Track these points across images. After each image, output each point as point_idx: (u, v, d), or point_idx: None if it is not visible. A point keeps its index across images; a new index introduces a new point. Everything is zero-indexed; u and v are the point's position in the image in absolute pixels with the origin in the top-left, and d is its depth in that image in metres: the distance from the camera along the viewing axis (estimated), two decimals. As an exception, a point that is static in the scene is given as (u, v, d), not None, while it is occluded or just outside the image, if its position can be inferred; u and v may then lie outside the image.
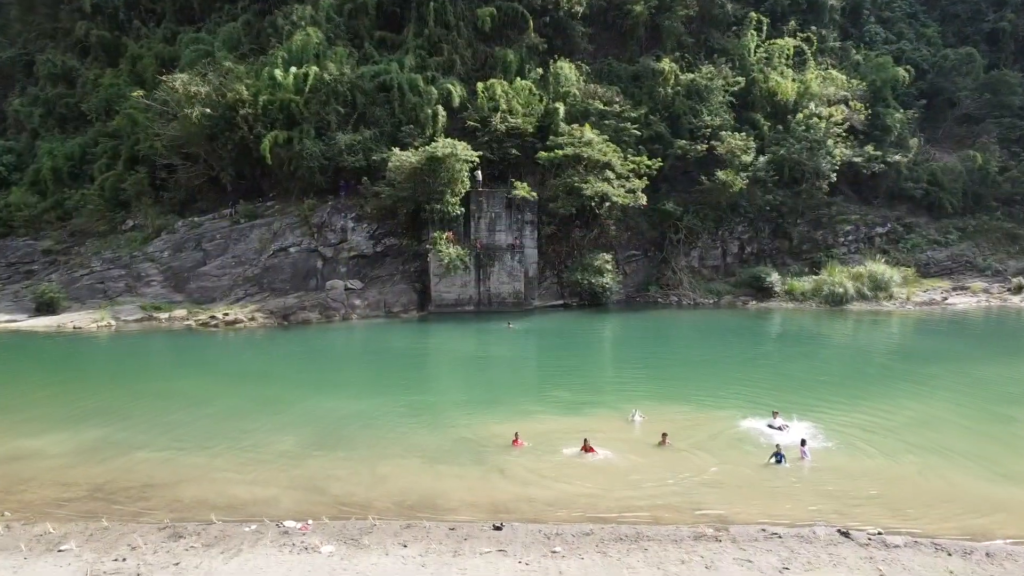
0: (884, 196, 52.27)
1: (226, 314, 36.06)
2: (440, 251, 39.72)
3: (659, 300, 45.04)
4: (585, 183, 41.73)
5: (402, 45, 48.44)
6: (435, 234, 40.38)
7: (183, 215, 45.84)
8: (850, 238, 49.45)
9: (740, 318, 40.28)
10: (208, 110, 42.74)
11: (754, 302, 44.25)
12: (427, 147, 40.30)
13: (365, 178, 42.30)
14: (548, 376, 26.16)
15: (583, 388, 24.04)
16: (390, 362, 28.48)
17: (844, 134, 49.21)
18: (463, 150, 40.46)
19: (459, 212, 41.05)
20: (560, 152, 42.89)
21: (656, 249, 47.49)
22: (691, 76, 49.35)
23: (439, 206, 40.43)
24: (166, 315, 37.26)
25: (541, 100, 46.87)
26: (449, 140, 40.90)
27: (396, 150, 41.06)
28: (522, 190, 41.71)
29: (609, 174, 43.26)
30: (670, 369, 27.39)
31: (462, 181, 41.14)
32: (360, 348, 31.57)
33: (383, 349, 31.14)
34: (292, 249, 41.52)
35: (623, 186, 43.56)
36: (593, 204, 42.79)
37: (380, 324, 37.46)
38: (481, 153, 42.05)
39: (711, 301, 44.85)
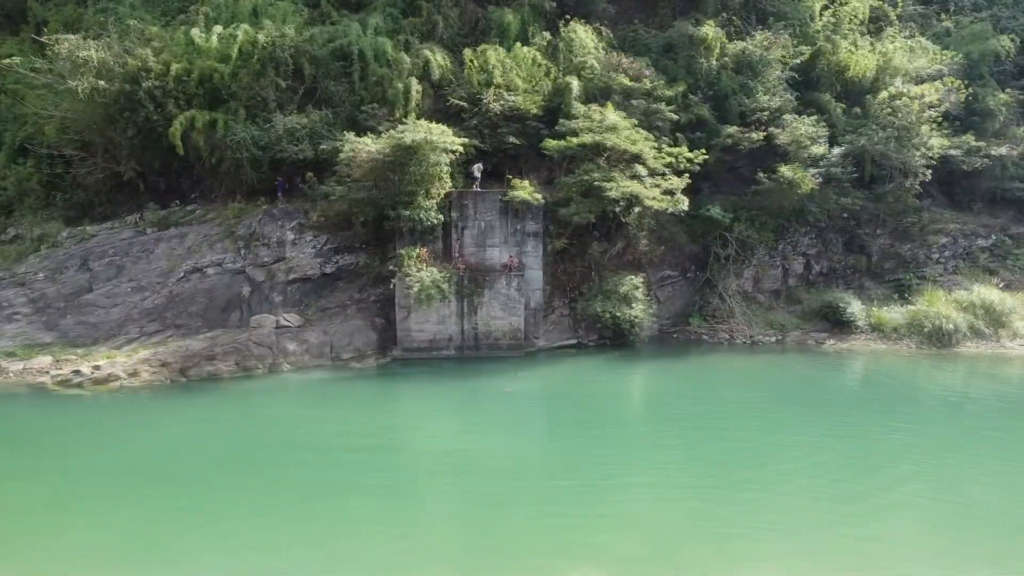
0: (983, 200, 41.20)
1: (96, 367, 25.14)
2: (409, 274, 28.77)
3: (704, 337, 33.96)
4: (609, 181, 30.70)
5: (370, 3, 37.56)
6: (403, 251, 29.45)
7: (81, 223, 34.94)
8: (946, 254, 38.36)
9: (824, 367, 29.22)
10: (103, 83, 31.87)
11: (831, 340, 33.18)
12: (393, 132, 29.36)
13: (311, 174, 31.39)
14: (573, 519, 15.04)
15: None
16: (300, 483, 17.23)
17: (940, 119, 38.15)
18: (441, 136, 29.54)
19: (436, 221, 30.11)
20: (575, 140, 31.88)
21: (698, 269, 36.43)
22: (741, 45, 38.30)
23: (408, 212, 29.51)
24: (21, 365, 26.38)
25: (548, 73, 35.94)
26: (423, 123, 29.99)
27: (351, 135, 30.17)
28: (523, 191, 30.75)
29: (639, 169, 32.27)
30: (784, 494, 16.19)
31: (440, 178, 30.25)
32: (262, 442, 19.94)
33: (300, 443, 19.81)
34: (210, 270, 30.61)
35: (657, 186, 32.56)
36: (617, 210, 31.84)
37: (321, 380, 26.46)
38: (466, 141, 31.11)
39: (773, 339, 33.76)
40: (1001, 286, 34.99)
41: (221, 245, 31.14)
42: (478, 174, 32.10)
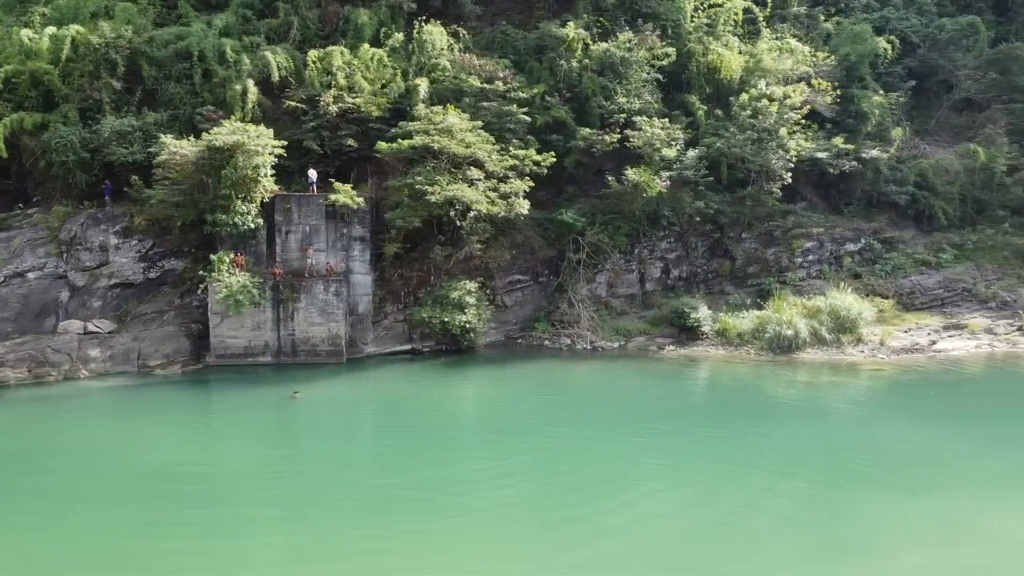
0: (859, 203, 40.60)
1: None
2: (218, 280, 28.35)
3: (547, 343, 33.47)
4: (432, 185, 30.24)
5: (228, 4, 37.14)
6: (215, 256, 29.01)
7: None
8: (811, 258, 37.76)
9: (642, 374, 28.79)
10: (-70, 85, 31.62)
11: (673, 347, 32.64)
12: (206, 134, 28.99)
13: (136, 177, 30.95)
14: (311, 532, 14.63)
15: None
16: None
17: (805, 122, 37.66)
18: (256, 138, 29.12)
19: (254, 225, 29.65)
20: (406, 143, 31.44)
21: (552, 274, 35.94)
22: (604, 46, 37.80)
23: (225, 216, 29.09)
24: None
25: (402, 75, 35.47)
26: (239, 124, 29.61)
27: (169, 138, 29.76)
28: (344, 195, 30.29)
29: (475, 173, 31.82)
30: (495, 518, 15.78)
31: (257, 181, 29.80)
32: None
33: (28, 453, 19.52)
34: (31, 275, 30.23)
35: (495, 189, 32.13)
36: (453, 215, 31.40)
37: (111, 388, 26.11)
38: (282, 143, 30.63)
39: (616, 345, 33.25)
40: (853, 289, 34.35)
41: (44, 249, 30.76)
42: (313, 178, 31.69)
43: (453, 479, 17.92)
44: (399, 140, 31.65)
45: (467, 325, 31.14)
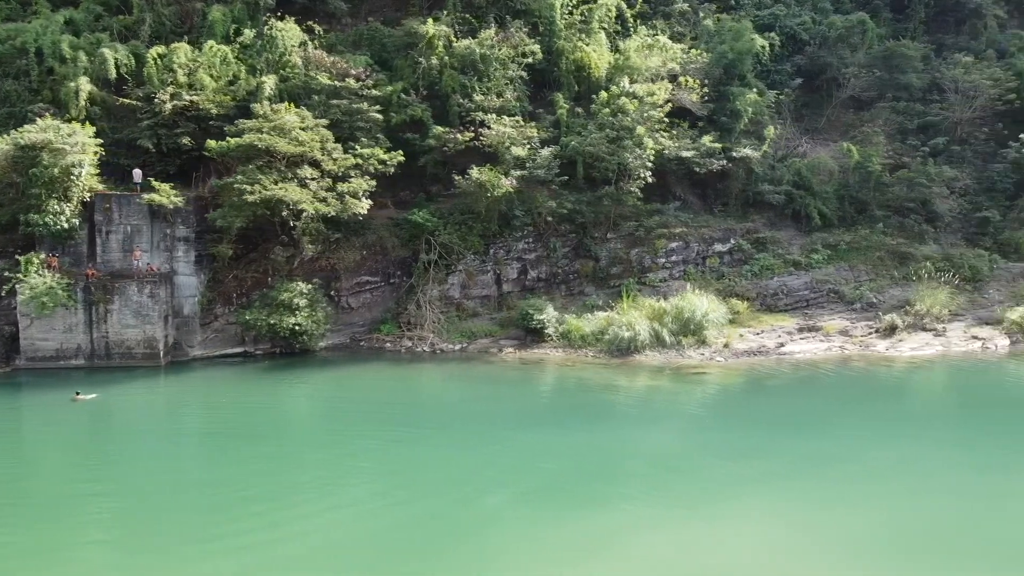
0: (737, 203, 39.99)
1: None
2: (24, 281, 27.75)
3: (388, 345, 32.87)
4: (252, 184, 29.60)
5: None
6: (23, 258, 28.39)
7: None
8: (675, 258, 37.13)
9: (465, 379, 28.37)
10: None
11: (513, 349, 32.05)
12: (14, 132, 28.42)
13: (-45, 177, 30.37)
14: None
15: None
16: None
17: (673, 120, 37.10)
18: (68, 137, 28.52)
19: (68, 225, 28.97)
20: (233, 141, 30.82)
21: (405, 275, 35.30)
22: (466, 43, 37.16)
23: (37, 216, 28.46)
24: None
25: (252, 72, 34.83)
26: (52, 123, 29.00)
27: (-19, 137, 29.18)
28: (162, 195, 29.66)
29: (308, 172, 31.19)
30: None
31: (74, 181, 29.17)
32: None
33: None
34: None
35: (332, 189, 31.52)
36: (286, 215, 30.77)
37: None
38: (100, 141, 30.06)
39: (458, 347, 32.61)
40: (710, 291, 33.72)
41: None
42: (138, 178, 31.04)
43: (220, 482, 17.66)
44: (229, 139, 31.02)
45: (298, 328, 30.50)
